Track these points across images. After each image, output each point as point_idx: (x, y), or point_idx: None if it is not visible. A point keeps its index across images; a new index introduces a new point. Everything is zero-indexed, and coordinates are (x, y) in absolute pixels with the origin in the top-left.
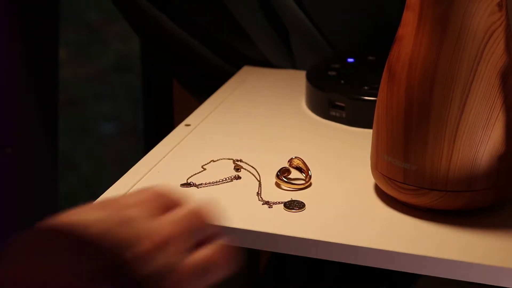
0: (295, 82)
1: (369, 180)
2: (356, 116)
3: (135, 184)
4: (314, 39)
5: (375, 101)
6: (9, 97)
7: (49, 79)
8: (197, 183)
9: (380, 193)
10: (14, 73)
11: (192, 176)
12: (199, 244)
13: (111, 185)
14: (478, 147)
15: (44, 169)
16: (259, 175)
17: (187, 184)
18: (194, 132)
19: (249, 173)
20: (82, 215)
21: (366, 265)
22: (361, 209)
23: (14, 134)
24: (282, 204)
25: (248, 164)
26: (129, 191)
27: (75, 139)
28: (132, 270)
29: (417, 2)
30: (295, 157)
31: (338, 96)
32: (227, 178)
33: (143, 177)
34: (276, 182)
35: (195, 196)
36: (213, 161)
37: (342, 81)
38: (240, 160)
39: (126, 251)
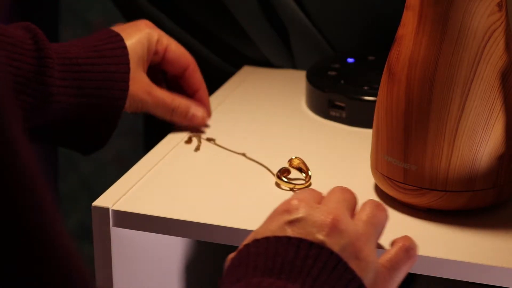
0: (295, 82)
1: (369, 180)
2: (356, 116)
3: (135, 184)
4: (314, 39)
5: (375, 101)
6: None
7: None
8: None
9: (380, 193)
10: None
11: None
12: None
13: (111, 185)
14: (478, 147)
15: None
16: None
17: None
18: None
19: (260, 169)
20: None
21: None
22: None
23: None
24: None
25: (256, 161)
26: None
27: None
28: (324, 254)
29: (417, 2)
30: (295, 157)
31: (338, 96)
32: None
33: (143, 177)
34: (276, 182)
35: None
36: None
37: (342, 81)
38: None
39: (313, 241)
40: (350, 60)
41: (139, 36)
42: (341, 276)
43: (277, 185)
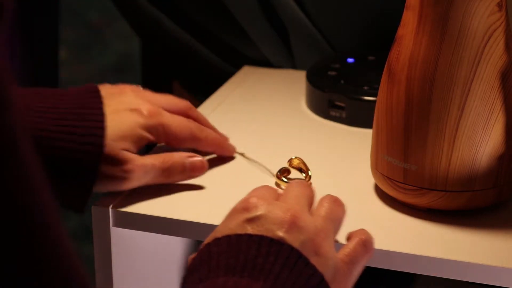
0: (295, 82)
1: (369, 180)
2: (356, 116)
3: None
4: (314, 39)
5: (375, 101)
6: None
7: (49, 79)
8: None
9: (380, 193)
10: (14, 73)
11: None
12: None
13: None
14: (478, 147)
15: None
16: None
17: None
18: None
19: (260, 169)
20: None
21: (366, 265)
22: (361, 209)
23: None
24: None
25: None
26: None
27: None
28: (284, 251)
29: (417, 2)
30: (295, 157)
31: (338, 96)
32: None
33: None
34: (276, 182)
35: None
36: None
37: (342, 81)
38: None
39: (273, 238)
40: (350, 60)
41: (134, 126)
42: (302, 271)
43: (277, 185)
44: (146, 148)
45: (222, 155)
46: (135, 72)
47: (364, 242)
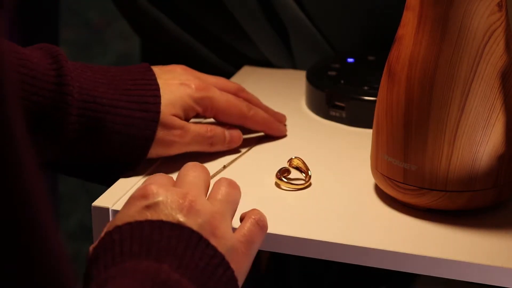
0: (295, 82)
1: (369, 180)
2: (356, 116)
3: (135, 184)
4: (314, 39)
5: (375, 101)
6: None
7: None
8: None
9: (380, 193)
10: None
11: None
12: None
13: (111, 185)
14: (478, 147)
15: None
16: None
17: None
18: None
19: (260, 169)
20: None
21: (366, 265)
22: (361, 209)
23: None
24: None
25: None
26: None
27: None
28: (184, 234)
29: (417, 2)
30: (295, 157)
31: (338, 96)
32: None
33: (143, 177)
34: (275, 182)
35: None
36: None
37: (342, 81)
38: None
39: (172, 222)
40: (350, 60)
41: (183, 100)
42: (203, 252)
43: (277, 185)
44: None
45: (271, 135)
46: None
47: (258, 221)
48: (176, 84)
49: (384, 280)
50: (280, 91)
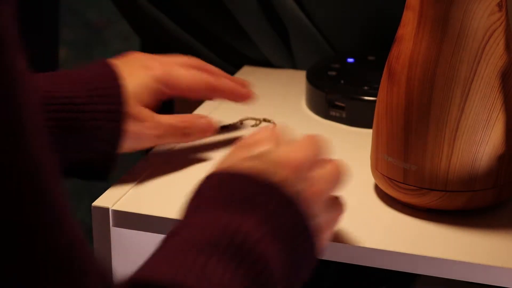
0: (295, 82)
1: (369, 180)
2: (356, 116)
3: (135, 184)
4: (314, 39)
5: (375, 101)
6: None
7: None
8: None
9: (380, 193)
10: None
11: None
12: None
13: (111, 185)
14: (478, 147)
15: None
16: None
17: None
18: None
19: None
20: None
21: (366, 265)
22: (361, 209)
23: None
24: None
25: None
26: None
27: None
28: (280, 192)
29: (417, 2)
30: None
31: (338, 96)
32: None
33: (143, 177)
34: None
35: None
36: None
37: (342, 81)
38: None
39: (271, 177)
40: (350, 60)
41: (143, 80)
42: (293, 215)
43: None
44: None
45: (239, 102)
46: None
47: (339, 217)
48: (137, 69)
49: (384, 280)
50: (280, 91)
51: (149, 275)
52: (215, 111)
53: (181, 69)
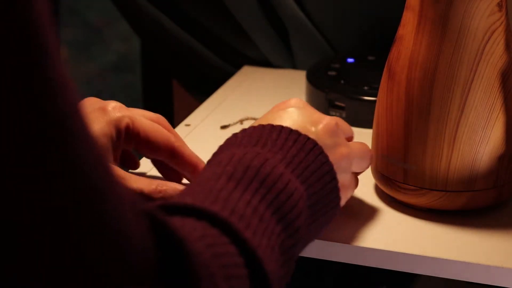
0: (295, 82)
1: (369, 180)
2: (356, 116)
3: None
4: (314, 39)
5: (375, 101)
6: None
7: None
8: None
9: (380, 193)
10: None
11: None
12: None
13: None
14: (478, 147)
15: None
16: None
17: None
18: (194, 132)
19: None
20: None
21: (366, 265)
22: (361, 209)
23: None
24: None
25: None
26: None
27: None
28: (310, 141)
29: (417, 2)
30: None
31: (338, 96)
32: None
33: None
34: None
35: None
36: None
37: (342, 81)
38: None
39: (312, 127)
40: (350, 60)
41: (101, 124)
42: (316, 158)
43: None
44: None
45: (190, 177)
46: (135, 72)
47: (356, 181)
48: (90, 113)
49: (384, 280)
50: (280, 91)
51: (173, 201)
52: (215, 111)
53: (141, 116)
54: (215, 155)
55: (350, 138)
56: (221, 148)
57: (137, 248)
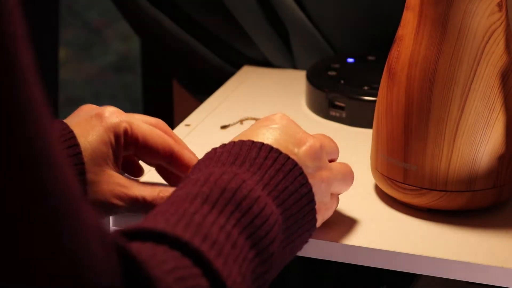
0: (295, 82)
1: (369, 180)
2: (356, 116)
3: None
4: (314, 39)
5: (375, 101)
6: None
7: (49, 79)
8: None
9: (380, 193)
10: None
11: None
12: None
13: None
14: (478, 147)
15: None
16: None
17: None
18: (194, 132)
19: None
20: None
21: (366, 265)
22: (361, 209)
23: None
24: None
25: None
26: None
27: None
28: (290, 161)
29: (417, 2)
30: None
31: (338, 96)
32: None
33: (142, 177)
34: None
35: None
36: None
37: (342, 81)
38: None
39: (295, 147)
40: (350, 60)
41: (99, 132)
42: (295, 178)
43: None
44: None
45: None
46: (135, 72)
47: (337, 200)
48: (87, 120)
49: (384, 280)
50: (280, 91)
51: (139, 225)
52: (215, 111)
53: (139, 121)
54: (192, 171)
55: (334, 160)
56: (199, 165)
57: (97, 274)
